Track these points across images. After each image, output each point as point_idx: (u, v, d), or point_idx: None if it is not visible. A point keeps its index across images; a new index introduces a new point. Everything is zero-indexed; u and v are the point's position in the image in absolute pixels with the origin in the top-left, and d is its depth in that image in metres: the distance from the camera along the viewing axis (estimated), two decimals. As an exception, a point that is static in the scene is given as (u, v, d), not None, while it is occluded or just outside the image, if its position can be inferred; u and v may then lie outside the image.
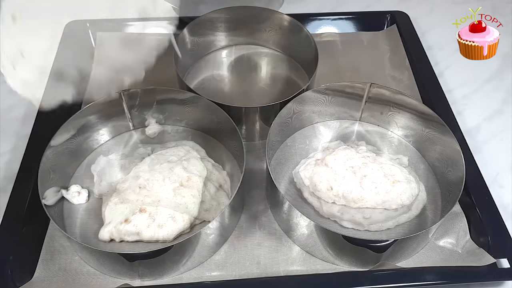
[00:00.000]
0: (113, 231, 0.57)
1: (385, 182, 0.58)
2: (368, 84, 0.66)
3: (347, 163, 0.60)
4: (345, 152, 0.61)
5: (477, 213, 0.59)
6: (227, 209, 0.54)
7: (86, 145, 0.65)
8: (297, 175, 0.62)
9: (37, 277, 0.54)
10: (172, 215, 0.57)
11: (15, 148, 0.68)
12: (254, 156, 0.67)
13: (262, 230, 0.59)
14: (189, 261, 0.55)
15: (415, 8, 0.91)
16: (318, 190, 0.59)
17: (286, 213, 0.57)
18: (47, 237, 0.57)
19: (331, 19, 0.86)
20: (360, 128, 0.70)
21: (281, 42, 0.80)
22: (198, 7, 0.90)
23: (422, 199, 0.60)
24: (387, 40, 0.84)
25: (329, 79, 0.69)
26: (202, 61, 0.80)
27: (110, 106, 0.64)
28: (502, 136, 0.72)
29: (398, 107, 0.66)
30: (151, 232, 0.56)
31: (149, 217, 0.57)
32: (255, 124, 0.68)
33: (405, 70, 0.78)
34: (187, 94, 0.65)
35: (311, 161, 0.63)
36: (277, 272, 0.56)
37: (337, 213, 0.58)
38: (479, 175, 0.62)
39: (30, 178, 0.58)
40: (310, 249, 0.57)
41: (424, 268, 0.55)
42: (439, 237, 0.58)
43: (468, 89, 0.80)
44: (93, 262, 0.55)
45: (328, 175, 0.59)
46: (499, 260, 0.54)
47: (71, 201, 0.60)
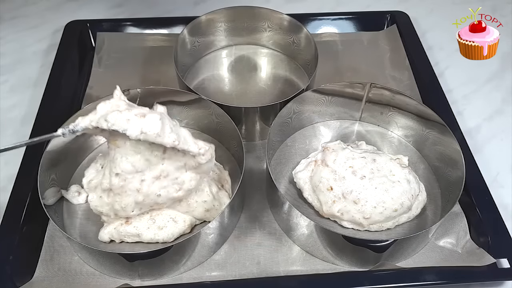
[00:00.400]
0: (113, 232, 0.56)
1: (385, 182, 0.58)
2: (368, 84, 0.66)
3: (347, 163, 0.60)
4: (345, 152, 0.61)
5: (477, 213, 0.59)
6: (227, 209, 0.54)
7: (86, 145, 0.65)
8: (297, 176, 0.62)
9: (37, 277, 0.54)
10: (173, 217, 0.57)
11: (15, 148, 0.68)
12: (254, 156, 0.67)
13: (262, 230, 0.59)
14: (189, 261, 0.55)
15: (415, 8, 0.91)
16: (318, 191, 0.59)
17: (286, 213, 0.57)
18: (47, 237, 0.57)
19: (331, 19, 0.86)
20: (360, 128, 0.70)
21: (281, 42, 0.80)
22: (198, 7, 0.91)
23: (422, 199, 0.60)
24: (387, 40, 0.84)
25: (329, 79, 0.69)
26: (202, 61, 0.80)
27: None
28: (502, 136, 0.72)
29: (398, 107, 0.66)
30: (151, 234, 0.56)
31: (149, 219, 0.57)
32: (255, 124, 0.68)
33: (405, 70, 0.78)
34: (187, 94, 0.65)
35: (311, 161, 0.63)
36: (277, 272, 0.56)
37: (337, 213, 0.58)
38: (479, 175, 0.62)
39: (30, 178, 0.58)
40: (310, 249, 0.57)
41: (424, 268, 0.55)
42: (439, 237, 0.58)
43: (468, 89, 0.80)
44: (93, 262, 0.55)
45: (328, 175, 0.59)
46: (499, 260, 0.54)
47: (71, 201, 0.60)
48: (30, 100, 0.75)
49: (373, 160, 0.61)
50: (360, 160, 0.60)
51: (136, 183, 0.54)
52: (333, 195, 0.58)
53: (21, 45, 0.84)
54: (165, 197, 0.55)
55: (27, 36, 0.86)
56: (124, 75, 0.78)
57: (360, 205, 0.57)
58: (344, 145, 0.63)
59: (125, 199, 0.54)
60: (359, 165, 0.60)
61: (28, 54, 0.83)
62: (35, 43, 0.85)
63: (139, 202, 0.54)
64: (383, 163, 0.60)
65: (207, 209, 0.58)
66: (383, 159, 0.61)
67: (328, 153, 0.62)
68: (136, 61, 0.80)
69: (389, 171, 0.60)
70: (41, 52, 0.83)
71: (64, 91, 0.72)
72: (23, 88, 0.77)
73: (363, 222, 0.57)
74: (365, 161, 0.60)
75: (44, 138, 0.52)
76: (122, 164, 0.53)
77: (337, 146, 0.63)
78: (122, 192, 0.54)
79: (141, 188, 0.54)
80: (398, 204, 0.57)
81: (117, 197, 0.55)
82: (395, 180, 0.59)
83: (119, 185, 0.54)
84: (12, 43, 0.85)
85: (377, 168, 0.60)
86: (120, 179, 0.54)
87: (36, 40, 0.85)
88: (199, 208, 0.57)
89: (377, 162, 0.61)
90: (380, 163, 0.60)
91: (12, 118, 0.73)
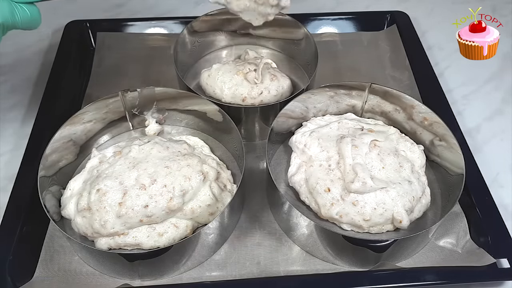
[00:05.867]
0: (110, 242, 0.55)
1: (385, 183, 0.58)
2: (368, 84, 0.66)
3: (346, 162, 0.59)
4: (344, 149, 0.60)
5: (477, 213, 0.59)
6: (227, 209, 0.54)
7: (85, 145, 0.65)
8: (291, 180, 0.61)
9: (37, 277, 0.54)
10: (174, 222, 0.56)
11: (15, 148, 0.68)
12: (254, 156, 0.67)
13: (262, 230, 0.59)
14: (189, 261, 0.55)
15: (415, 8, 0.91)
16: (316, 193, 0.58)
17: (286, 213, 0.57)
18: (47, 237, 0.57)
19: (331, 19, 0.86)
20: (360, 128, 0.70)
21: (281, 42, 0.80)
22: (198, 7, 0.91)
23: (425, 203, 0.59)
24: (387, 40, 0.84)
25: (329, 79, 0.69)
26: (202, 61, 0.80)
27: (109, 106, 0.64)
28: (502, 136, 0.72)
29: (398, 107, 0.66)
30: (151, 242, 0.54)
31: (149, 227, 0.55)
32: (255, 124, 0.68)
33: (405, 70, 0.78)
34: (187, 94, 0.65)
35: (300, 162, 0.62)
36: (277, 272, 0.56)
37: (336, 215, 0.57)
38: (479, 175, 0.62)
39: (30, 178, 0.58)
40: (310, 249, 0.57)
41: (424, 268, 0.55)
42: (439, 237, 0.58)
43: (468, 89, 0.80)
44: (93, 262, 0.55)
45: (324, 176, 0.59)
46: (499, 260, 0.54)
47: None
48: (30, 100, 0.75)
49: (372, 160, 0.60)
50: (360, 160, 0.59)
51: (118, 195, 0.54)
52: (331, 197, 0.57)
53: (21, 45, 0.84)
54: (154, 208, 0.54)
55: (27, 36, 0.86)
56: (124, 75, 0.78)
57: (359, 207, 0.56)
58: (346, 136, 0.62)
59: (104, 216, 0.53)
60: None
61: (28, 54, 0.83)
62: (35, 43, 0.85)
63: (122, 216, 0.53)
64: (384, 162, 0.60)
65: (211, 213, 0.57)
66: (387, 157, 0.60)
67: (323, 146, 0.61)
68: (136, 61, 0.80)
69: (390, 172, 0.59)
70: (41, 52, 0.83)
71: (64, 91, 0.72)
72: (23, 88, 0.77)
73: (363, 224, 0.57)
74: (366, 161, 0.60)
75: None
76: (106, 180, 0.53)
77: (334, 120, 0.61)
78: (101, 208, 0.53)
79: (123, 201, 0.54)
80: (398, 206, 0.57)
81: (96, 214, 0.54)
82: (396, 181, 0.58)
83: (98, 201, 0.54)
84: (12, 43, 0.85)
85: (378, 168, 0.59)
86: (100, 193, 0.54)
87: (36, 40, 0.85)
88: (203, 213, 0.57)
89: (377, 161, 0.60)
90: (381, 160, 0.60)
91: (12, 118, 0.73)
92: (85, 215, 0.55)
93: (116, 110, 0.65)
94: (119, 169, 0.56)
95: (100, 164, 0.59)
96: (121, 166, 0.57)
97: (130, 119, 0.68)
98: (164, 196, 0.54)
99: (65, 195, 0.58)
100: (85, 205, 0.55)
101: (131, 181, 0.55)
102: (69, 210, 0.56)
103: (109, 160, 0.59)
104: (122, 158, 0.58)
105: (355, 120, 0.65)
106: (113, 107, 0.64)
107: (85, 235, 0.56)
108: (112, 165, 0.57)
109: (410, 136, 0.65)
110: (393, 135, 0.63)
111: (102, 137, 0.67)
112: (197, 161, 0.58)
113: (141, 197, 0.54)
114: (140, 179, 0.55)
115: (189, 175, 0.56)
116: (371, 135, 0.61)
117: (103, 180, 0.55)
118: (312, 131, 0.63)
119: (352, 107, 0.69)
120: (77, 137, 0.63)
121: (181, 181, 0.55)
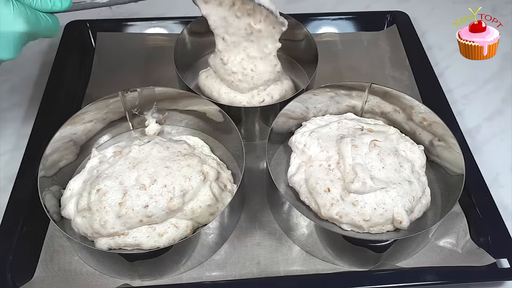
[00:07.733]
0: (110, 242, 0.55)
1: (385, 184, 0.58)
2: (368, 84, 0.66)
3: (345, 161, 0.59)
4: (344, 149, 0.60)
5: (477, 213, 0.59)
6: (227, 209, 0.54)
7: (86, 145, 0.65)
8: (291, 180, 0.61)
9: (37, 277, 0.54)
10: (174, 222, 0.56)
11: (15, 148, 0.68)
12: (254, 156, 0.67)
13: (262, 230, 0.59)
14: (189, 261, 0.55)
15: (415, 8, 0.91)
16: (315, 193, 0.58)
17: (286, 213, 0.57)
18: (47, 237, 0.57)
19: (331, 19, 0.86)
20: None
21: (281, 42, 0.80)
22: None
23: (426, 203, 0.59)
24: (387, 40, 0.84)
25: (329, 79, 0.69)
26: (202, 61, 0.80)
27: (110, 106, 0.64)
28: (502, 136, 0.72)
29: (398, 107, 0.66)
30: (151, 242, 0.54)
31: (149, 227, 0.55)
32: (255, 124, 0.68)
33: (405, 70, 0.78)
34: (187, 94, 0.65)
35: (300, 162, 0.62)
36: (277, 272, 0.56)
37: (336, 216, 0.57)
38: (479, 175, 0.62)
39: (30, 178, 0.58)
40: (310, 249, 0.57)
41: (424, 268, 0.55)
42: (439, 237, 0.58)
43: (468, 89, 0.80)
44: (93, 262, 0.55)
45: (324, 177, 0.59)
46: (499, 260, 0.54)
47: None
48: (30, 100, 0.75)
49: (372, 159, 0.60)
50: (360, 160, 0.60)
51: (118, 196, 0.54)
52: (331, 197, 0.57)
53: (21, 45, 0.84)
54: (154, 208, 0.54)
55: (27, 36, 0.86)
56: (124, 75, 0.78)
57: (359, 207, 0.56)
58: (346, 136, 0.62)
59: (104, 216, 0.53)
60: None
61: (28, 54, 0.83)
62: (35, 43, 0.84)
63: (122, 216, 0.53)
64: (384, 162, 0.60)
65: (211, 213, 0.57)
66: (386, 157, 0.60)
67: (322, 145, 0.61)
68: (136, 61, 0.80)
69: (390, 171, 0.59)
70: (41, 52, 0.83)
71: (64, 91, 0.72)
72: (23, 88, 0.77)
73: (363, 224, 0.57)
74: (366, 161, 0.60)
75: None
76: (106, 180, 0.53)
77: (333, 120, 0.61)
78: (101, 208, 0.54)
79: (123, 201, 0.54)
80: (398, 206, 0.57)
81: (96, 214, 0.54)
82: (396, 181, 0.58)
83: (98, 201, 0.54)
84: (12, 43, 0.85)
85: (378, 168, 0.59)
86: (100, 194, 0.54)
87: (36, 40, 0.85)
88: (203, 213, 0.57)
89: (377, 161, 0.60)
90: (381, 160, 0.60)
91: (12, 118, 0.73)
92: (85, 215, 0.55)
93: (116, 110, 0.65)
94: (119, 169, 0.56)
95: (100, 164, 0.59)
96: (121, 166, 0.57)
97: (130, 119, 0.68)
98: (164, 196, 0.54)
99: (65, 195, 0.58)
100: (85, 205, 0.55)
101: (131, 181, 0.55)
102: (69, 210, 0.56)
103: (109, 160, 0.59)
104: (122, 158, 0.58)
105: (355, 120, 0.65)
106: (113, 107, 0.64)
107: (85, 235, 0.56)
108: (112, 165, 0.57)
109: (410, 136, 0.65)
110: (393, 135, 0.63)
111: (102, 137, 0.67)
112: (197, 161, 0.58)
113: (141, 197, 0.54)
114: (140, 179, 0.55)
115: (189, 175, 0.56)
116: (371, 135, 0.61)
117: (103, 180, 0.55)
118: (312, 131, 0.63)
119: (352, 107, 0.69)
120: (77, 137, 0.63)
121: (181, 181, 0.55)
